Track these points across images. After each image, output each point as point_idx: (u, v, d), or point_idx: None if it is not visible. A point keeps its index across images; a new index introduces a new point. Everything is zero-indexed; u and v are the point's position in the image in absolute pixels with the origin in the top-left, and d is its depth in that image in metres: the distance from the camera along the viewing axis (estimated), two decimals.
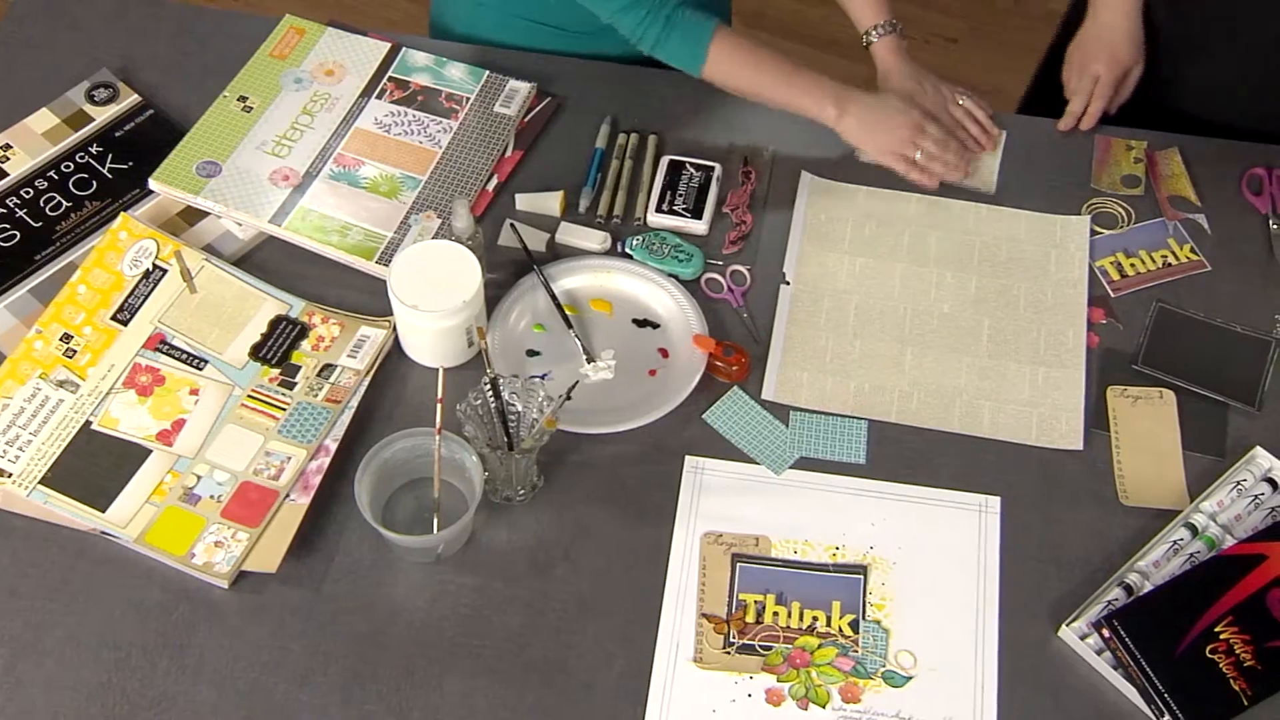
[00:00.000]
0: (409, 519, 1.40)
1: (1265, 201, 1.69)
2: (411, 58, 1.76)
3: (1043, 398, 1.51)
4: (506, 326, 1.55)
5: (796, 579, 1.39)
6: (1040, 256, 1.63)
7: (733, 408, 1.50)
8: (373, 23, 1.85)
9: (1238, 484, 1.44)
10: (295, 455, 1.41)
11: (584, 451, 1.46)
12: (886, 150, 1.64)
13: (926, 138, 1.63)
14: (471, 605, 1.36)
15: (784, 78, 1.63)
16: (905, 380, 1.53)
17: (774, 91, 1.63)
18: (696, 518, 1.42)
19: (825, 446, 1.47)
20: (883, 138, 1.63)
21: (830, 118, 1.63)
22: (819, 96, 1.63)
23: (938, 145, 1.64)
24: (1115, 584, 1.37)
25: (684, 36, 1.61)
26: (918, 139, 1.63)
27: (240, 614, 1.34)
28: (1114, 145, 1.74)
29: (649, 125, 1.74)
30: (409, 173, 1.64)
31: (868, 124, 1.63)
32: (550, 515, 1.42)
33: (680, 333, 1.55)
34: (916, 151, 1.63)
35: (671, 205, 1.65)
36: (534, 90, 1.74)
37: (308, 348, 1.50)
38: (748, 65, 1.63)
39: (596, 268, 1.60)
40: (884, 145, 1.64)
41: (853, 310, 1.58)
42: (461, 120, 1.70)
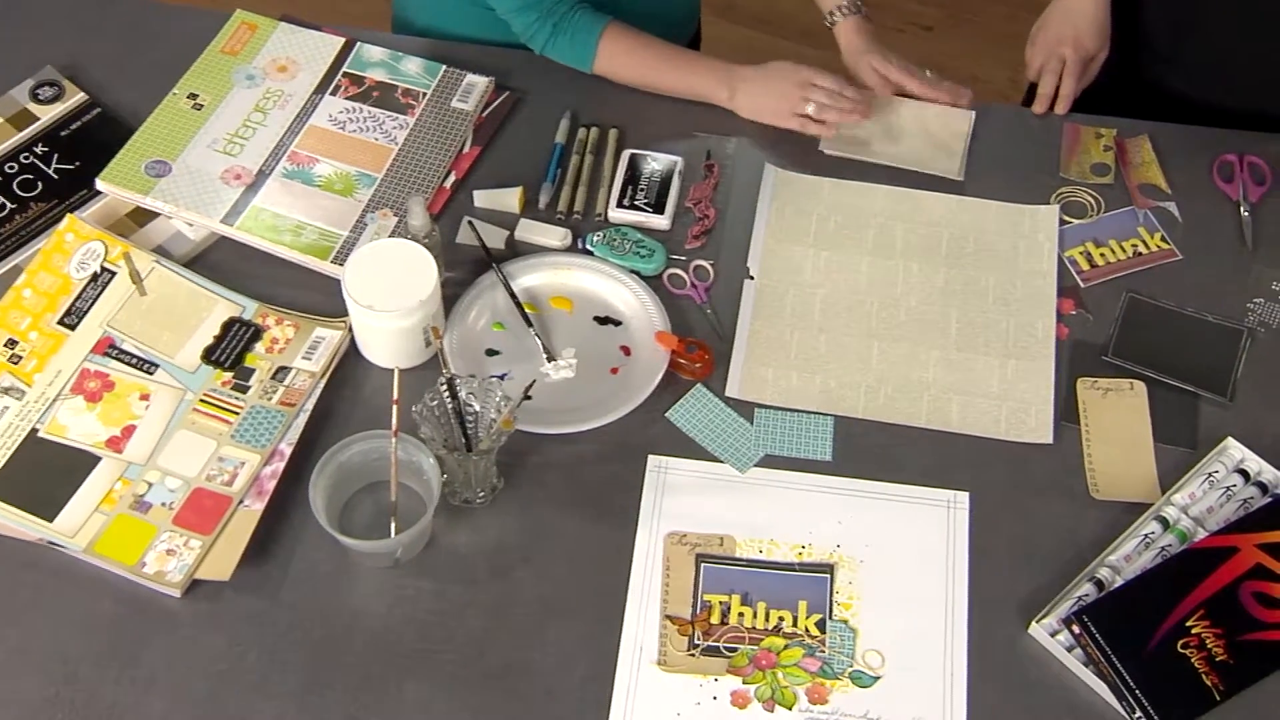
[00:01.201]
0: (367, 523, 1.41)
1: (1236, 188, 1.71)
2: (366, 52, 1.77)
3: (1011, 391, 1.53)
4: (465, 326, 1.55)
5: (762, 579, 1.40)
6: (1009, 247, 1.65)
7: (696, 405, 1.51)
8: (331, 16, 1.85)
9: (1209, 476, 1.46)
10: (249, 460, 1.41)
11: (545, 452, 1.47)
12: (779, 114, 1.69)
13: (816, 90, 1.67)
14: (431, 610, 1.36)
15: (673, 66, 1.71)
16: (872, 375, 1.54)
17: (666, 80, 1.71)
18: (660, 518, 1.43)
19: (791, 444, 1.49)
20: (773, 103, 1.69)
21: (723, 99, 1.70)
22: (710, 79, 1.70)
23: (829, 95, 1.68)
24: (1086, 579, 1.39)
25: (572, 38, 1.69)
26: (807, 94, 1.67)
27: (193, 623, 1.34)
28: (1083, 133, 1.76)
29: (610, 119, 1.75)
30: (364, 170, 1.65)
31: (756, 95, 1.69)
32: (511, 517, 1.43)
33: (642, 330, 1.56)
34: (808, 105, 1.67)
35: (633, 200, 1.66)
36: (492, 84, 1.75)
37: (261, 350, 1.50)
38: (636, 58, 1.70)
39: (557, 265, 1.61)
40: (776, 110, 1.69)
41: (818, 305, 1.60)
42: (418, 116, 1.71)
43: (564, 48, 1.71)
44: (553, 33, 1.70)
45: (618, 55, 1.70)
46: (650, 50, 1.71)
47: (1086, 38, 1.75)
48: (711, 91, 1.71)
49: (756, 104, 1.70)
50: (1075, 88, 1.75)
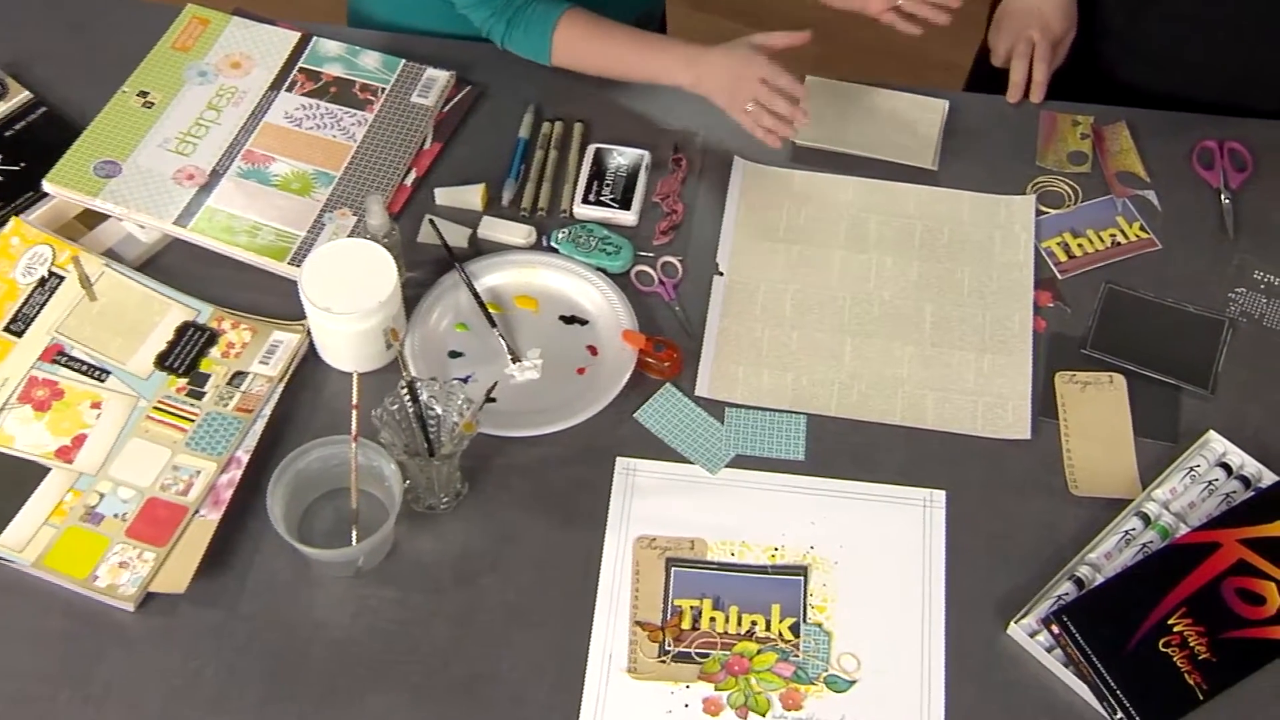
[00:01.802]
0: (327, 531, 1.40)
1: (1216, 175, 1.72)
2: (323, 47, 1.76)
3: (988, 386, 1.53)
4: (427, 327, 1.55)
5: (734, 582, 1.40)
6: (984, 239, 1.65)
7: (665, 406, 1.51)
8: (286, 11, 1.84)
9: (1191, 470, 1.46)
10: (205, 468, 1.41)
11: (510, 455, 1.47)
12: (730, 105, 1.65)
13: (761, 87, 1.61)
14: (394, 619, 1.36)
15: (634, 50, 1.68)
16: (845, 372, 1.54)
17: (627, 65, 1.69)
18: (629, 521, 1.43)
19: (762, 443, 1.49)
20: (726, 92, 1.65)
21: (687, 82, 1.67)
22: (673, 62, 1.67)
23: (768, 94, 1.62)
24: (1065, 578, 1.39)
25: (528, 30, 1.68)
26: (754, 90, 1.62)
27: (148, 638, 1.34)
28: (1059, 121, 1.76)
29: (574, 113, 1.75)
30: (322, 169, 1.64)
31: (718, 79, 1.64)
32: (475, 523, 1.43)
33: (609, 329, 1.55)
34: (748, 104, 1.63)
35: (598, 196, 1.66)
36: (453, 79, 1.75)
37: (217, 355, 1.50)
38: (595, 45, 1.69)
39: (521, 263, 1.60)
40: (729, 101, 1.65)
41: (789, 300, 1.60)
42: (377, 112, 1.70)
43: (521, 41, 1.70)
44: (509, 27, 1.69)
45: (575, 43, 1.69)
46: (609, 36, 1.69)
47: (1053, 19, 1.75)
48: (675, 74, 1.67)
49: (717, 88, 1.65)
50: (1047, 73, 1.75)
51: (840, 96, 1.78)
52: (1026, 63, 1.75)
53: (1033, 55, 1.75)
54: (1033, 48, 1.75)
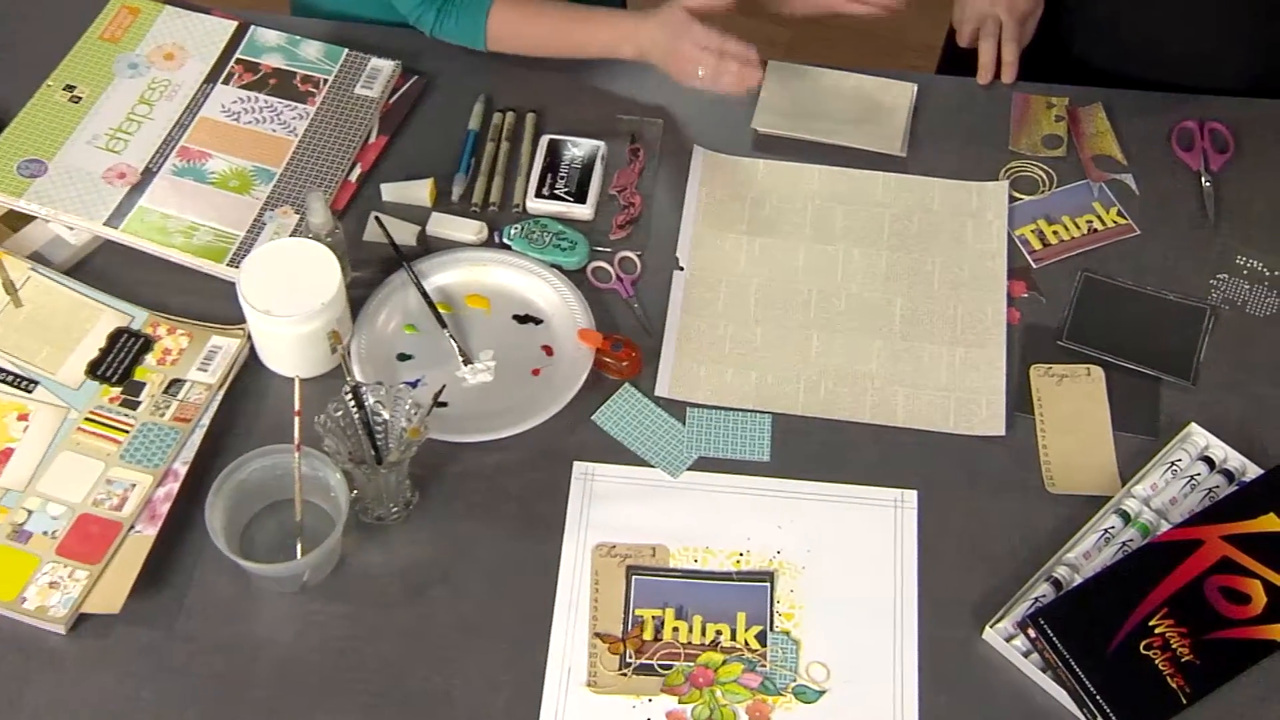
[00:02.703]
0: (271, 545, 1.40)
1: (1197, 157, 1.73)
2: (261, 36, 1.76)
3: (960, 381, 1.54)
4: (374, 329, 1.55)
5: (697, 590, 1.40)
6: (955, 227, 1.66)
7: (624, 407, 1.51)
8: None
9: (1172, 464, 1.47)
10: (140, 482, 1.40)
11: (463, 461, 1.47)
12: (681, 77, 1.67)
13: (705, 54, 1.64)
14: (343, 636, 1.36)
15: (573, 29, 1.70)
16: (812, 369, 1.54)
17: (566, 43, 1.71)
18: (587, 529, 1.43)
19: (726, 445, 1.49)
20: (675, 66, 1.67)
21: (631, 56, 1.69)
22: (612, 38, 1.69)
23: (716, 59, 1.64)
24: (1042, 579, 1.40)
25: (460, 18, 1.70)
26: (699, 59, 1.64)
27: (80, 662, 1.33)
28: (1033, 103, 1.77)
29: (526, 102, 1.75)
30: (262, 165, 1.64)
31: (663, 54, 1.67)
32: (427, 533, 1.43)
33: (565, 328, 1.56)
34: (700, 70, 1.65)
35: (552, 189, 1.66)
36: (398, 68, 1.75)
37: (153, 362, 1.49)
38: (531, 25, 1.71)
39: (472, 261, 1.60)
40: (679, 73, 1.67)
41: (753, 295, 1.60)
42: (319, 104, 1.70)
43: (453, 28, 1.71)
44: (439, 15, 1.70)
45: (511, 26, 1.70)
46: (545, 14, 1.70)
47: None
48: (617, 48, 1.69)
49: (661, 60, 1.68)
50: (1017, 52, 1.76)
51: (804, 81, 1.79)
52: (994, 42, 1.76)
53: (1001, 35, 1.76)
54: (1000, 26, 1.76)
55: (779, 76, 1.79)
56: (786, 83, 1.78)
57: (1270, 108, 1.79)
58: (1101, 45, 1.83)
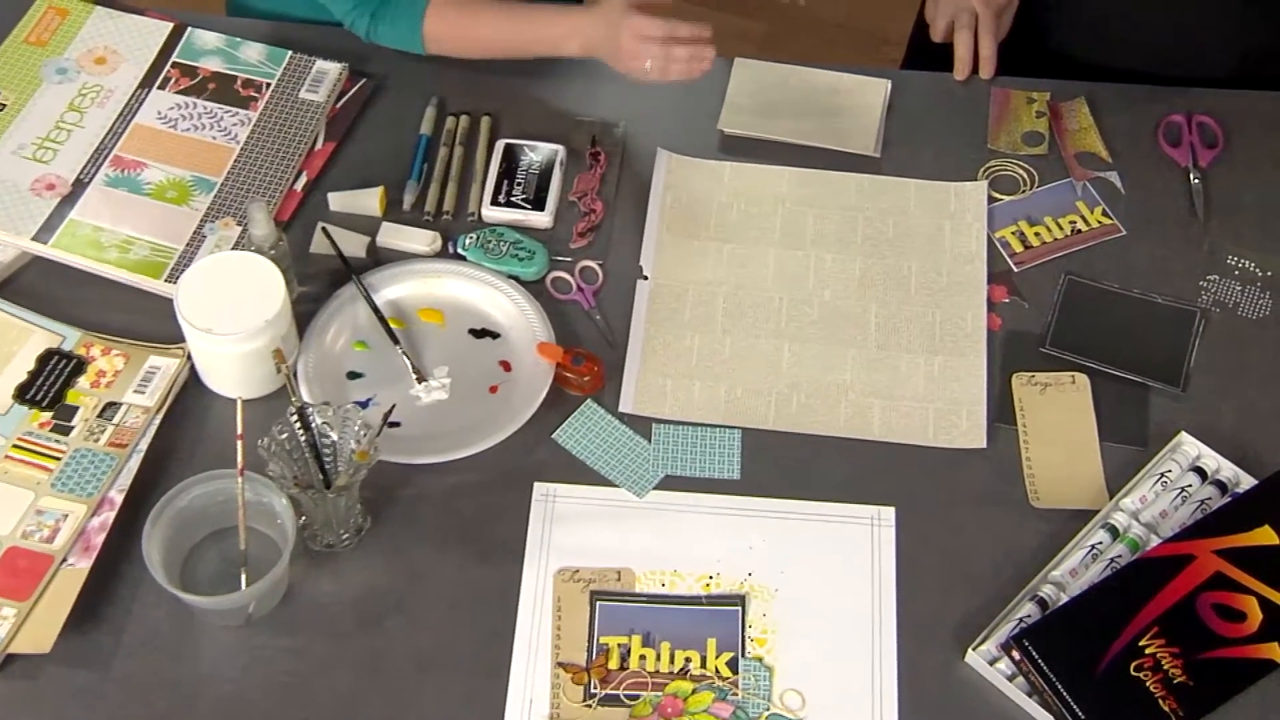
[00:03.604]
0: (214, 576, 1.40)
1: (1184, 153, 1.74)
2: (199, 39, 1.76)
3: (939, 391, 1.54)
4: (322, 347, 1.55)
5: (665, 616, 1.40)
6: (932, 230, 1.67)
7: (586, 424, 1.51)
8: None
9: (1162, 476, 1.48)
10: (73, 511, 1.40)
11: (417, 484, 1.47)
12: (630, 72, 1.67)
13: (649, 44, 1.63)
14: (291, 670, 1.36)
15: (515, 25, 1.71)
16: (783, 381, 1.55)
17: (509, 42, 1.72)
18: (548, 553, 1.43)
19: (694, 462, 1.49)
20: (621, 61, 1.67)
21: (577, 52, 1.69)
22: (556, 35, 1.70)
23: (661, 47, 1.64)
24: (1027, 598, 1.40)
25: (395, 21, 1.70)
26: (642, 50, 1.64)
27: (8, 706, 1.32)
28: (1013, 98, 1.79)
29: (481, 105, 1.76)
30: (201, 174, 1.64)
31: (608, 49, 1.67)
32: (380, 560, 1.43)
33: (524, 342, 1.56)
34: (646, 63, 1.65)
35: (509, 196, 1.66)
36: (346, 71, 1.75)
37: (86, 385, 1.49)
38: (471, 25, 1.71)
39: (425, 273, 1.61)
40: (627, 69, 1.67)
41: (721, 304, 1.61)
42: (262, 110, 1.70)
43: (389, 33, 1.71)
44: (374, 19, 1.70)
45: (450, 26, 1.70)
46: (486, 13, 1.70)
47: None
48: (562, 45, 1.69)
49: (607, 54, 1.67)
50: (995, 45, 1.77)
51: (772, 79, 1.80)
52: (970, 35, 1.77)
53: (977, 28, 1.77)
54: (975, 19, 1.77)
55: (746, 74, 1.80)
56: (753, 81, 1.79)
57: (1261, 99, 1.80)
58: (1082, 36, 1.84)
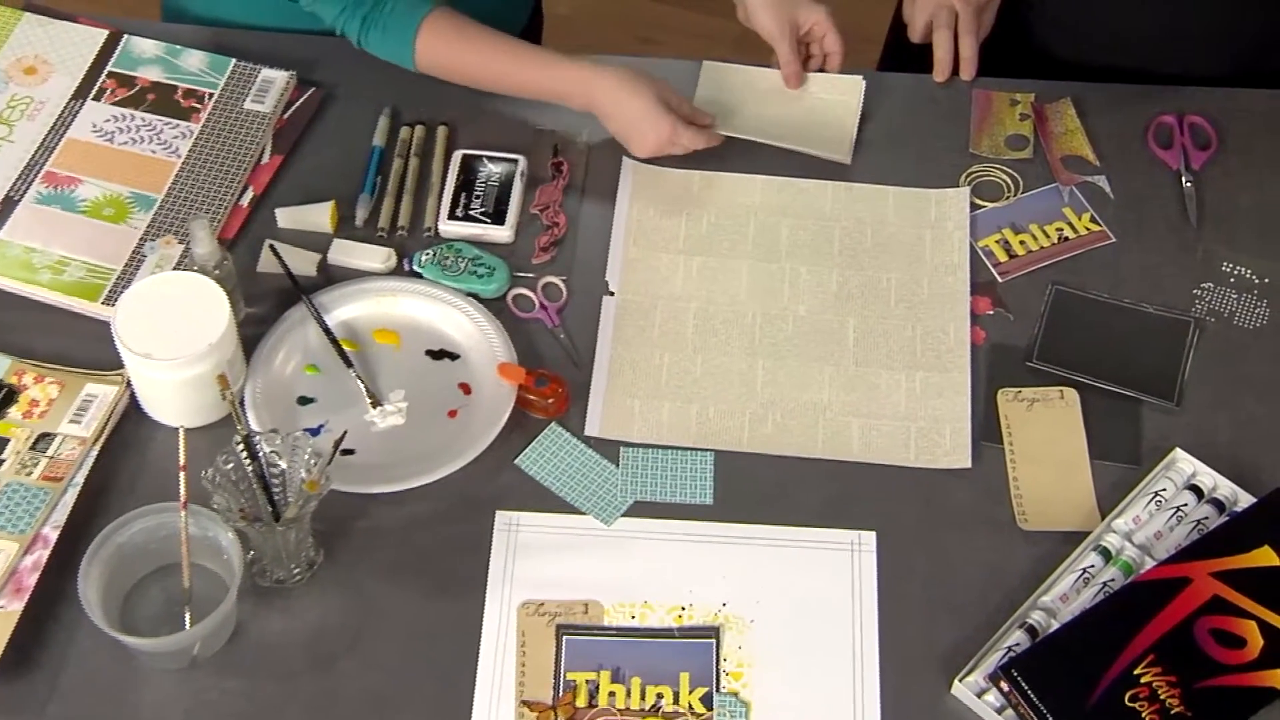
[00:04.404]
0: (155, 616, 1.39)
1: (1176, 155, 1.75)
2: (137, 47, 1.76)
3: (921, 409, 1.55)
4: (270, 371, 1.55)
5: (635, 650, 1.40)
6: (912, 240, 1.67)
7: (551, 449, 1.51)
8: (91, 4, 1.84)
9: (1156, 495, 1.49)
10: (4, 550, 1.39)
11: (373, 515, 1.47)
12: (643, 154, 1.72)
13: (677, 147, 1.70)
14: (239, 714, 1.35)
15: (513, 64, 1.70)
16: (757, 400, 1.55)
17: (502, 79, 1.71)
18: (511, 585, 1.43)
19: (664, 487, 1.49)
20: (637, 145, 1.70)
21: (578, 107, 1.70)
22: (558, 83, 1.70)
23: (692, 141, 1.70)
24: (1016, 626, 1.41)
25: (387, 32, 1.69)
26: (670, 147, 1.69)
27: None
28: (995, 100, 1.79)
29: (437, 115, 1.76)
30: (140, 190, 1.64)
31: (623, 133, 1.70)
32: (333, 596, 1.42)
33: (484, 363, 1.56)
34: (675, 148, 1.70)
35: (467, 210, 1.67)
36: (293, 80, 1.75)
37: (17, 416, 1.48)
38: (468, 54, 1.70)
39: (379, 291, 1.61)
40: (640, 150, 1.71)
41: (691, 320, 1.61)
42: (204, 122, 1.71)
43: (379, 42, 1.70)
44: (364, 25, 1.69)
45: (442, 49, 1.69)
46: (485, 46, 1.69)
47: None
48: (564, 95, 1.70)
49: (619, 127, 1.70)
50: (976, 45, 1.78)
51: (739, 82, 1.81)
52: (950, 34, 1.78)
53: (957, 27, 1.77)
54: (955, 17, 1.77)
55: (713, 78, 1.80)
56: (721, 85, 1.80)
57: (1256, 98, 1.82)
58: (1067, 33, 1.85)
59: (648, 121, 1.67)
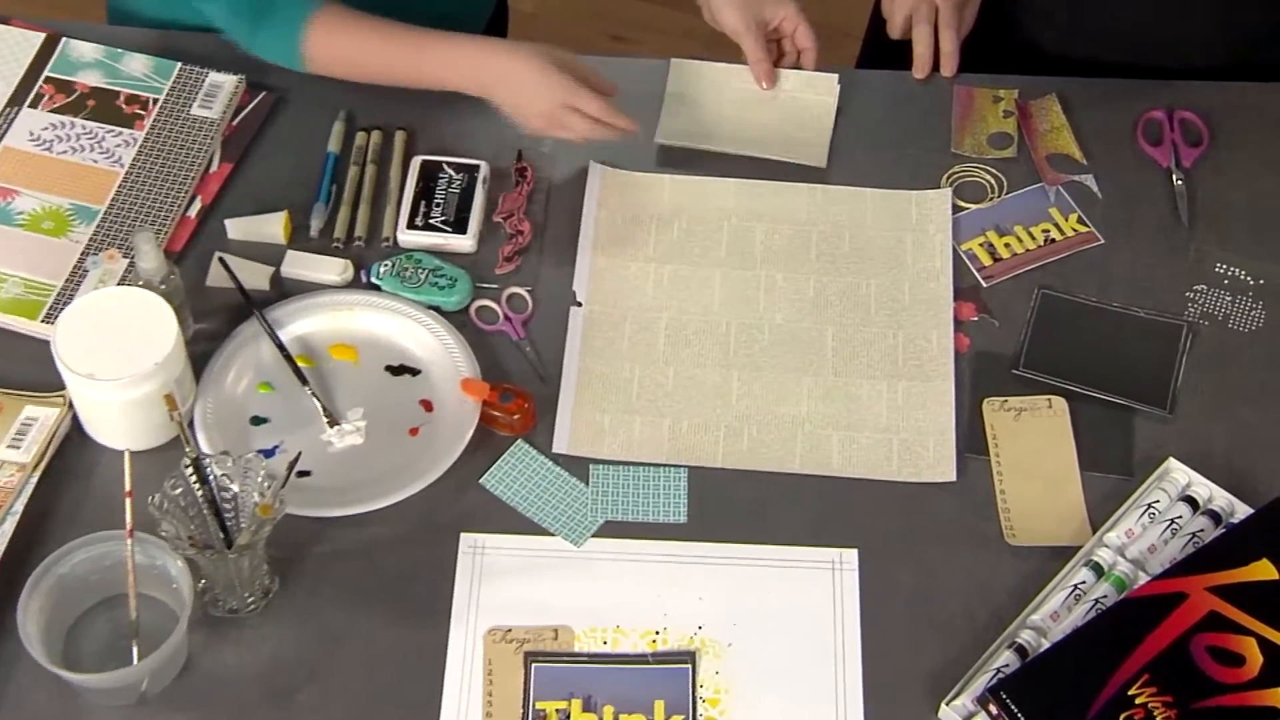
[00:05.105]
0: (101, 650, 1.39)
1: (1166, 152, 1.76)
2: (76, 50, 1.76)
3: (904, 420, 1.55)
4: (222, 390, 1.54)
5: (608, 677, 1.40)
6: (892, 244, 1.68)
7: (517, 467, 1.51)
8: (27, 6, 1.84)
9: (1149, 507, 1.49)
10: None
11: (331, 539, 1.46)
12: (534, 126, 1.68)
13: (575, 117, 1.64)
14: None
15: (405, 51, 1.68)
16: (732, 414, 1.56)
17: (397, 69, 1.69)
18: (477, 611, 1.43)
19: (636, 506, 1.50)
20: (529, 116, 1.67)
21: (473, 90, 1.68)
22: (450, 66, 1.68)
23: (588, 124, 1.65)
24: (1004, 646, 1.41)
25: (274, 29, 1.67)
26: (565, 119, 1.64)
27: None
28: (977, 97, 1.80)
29: (394, 119, 1.76)
30: (81, 202, 1.64)
31: (513, 103, 1.67)
32: (290, 625, 1.42)
33: (446, 379, 1.56)
34: (565, 131, 1.66)
35: (427, 219, 1.67)
36: (243, 84, 1.75)
37: None
38: (359, 48, 1.68)
39: (335, 305, 1.61)
40: (532, 125, 1.68)
41: (663, 331, 1.61)
42: (149, 129, 1.70)
43: (269, 44, 1.68)
44: (255, 26, 1.67)
45: (332, 45, 1.67)
46: (375, 35, 1.68)
47: None
48: (456, 78, 1.67)
49: (514, 109, 1.67)
50: (956, 41, 1.79)
51: (710, 80, 1.82)
52: (929, 29, 1.79)
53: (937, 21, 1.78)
54: (935, 12, 1.78)
55: (683, 76, 1.81)
56: (691, 84, 1.80)
57: (1249, 91, 1.83)
58: (1052, 25, 1.86)
59: (540, 84, 1.63)
